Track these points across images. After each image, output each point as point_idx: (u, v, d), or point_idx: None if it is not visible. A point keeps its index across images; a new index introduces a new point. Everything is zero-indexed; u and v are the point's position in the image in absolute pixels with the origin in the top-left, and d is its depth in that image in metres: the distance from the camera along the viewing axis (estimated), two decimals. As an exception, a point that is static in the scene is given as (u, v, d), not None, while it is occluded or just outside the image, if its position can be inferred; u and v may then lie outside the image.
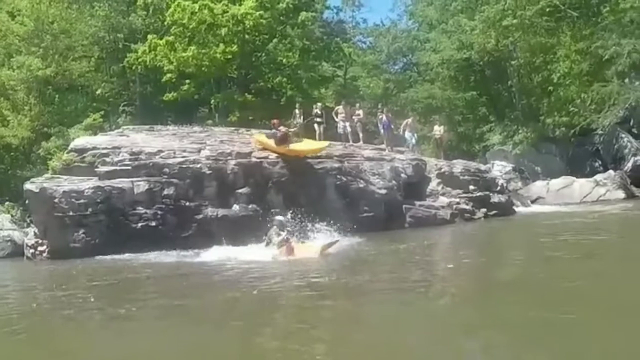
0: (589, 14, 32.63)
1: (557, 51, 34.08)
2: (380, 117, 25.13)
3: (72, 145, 18.82)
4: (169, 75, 31.42)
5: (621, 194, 28.99)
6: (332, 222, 15.90)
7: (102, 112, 29.51)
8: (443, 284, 9.95)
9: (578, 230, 16.27)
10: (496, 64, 39.63)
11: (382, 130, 24.74)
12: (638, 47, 28.40)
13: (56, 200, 15.85)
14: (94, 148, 17.99)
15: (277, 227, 14.09)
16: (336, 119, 24.54)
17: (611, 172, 30.56)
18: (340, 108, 24.92)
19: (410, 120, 26.82)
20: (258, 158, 18.70)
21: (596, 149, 33.33)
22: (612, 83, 29.97)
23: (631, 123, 31.82)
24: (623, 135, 31.25)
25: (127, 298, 9.68)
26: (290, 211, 15.97)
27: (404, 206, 20.24)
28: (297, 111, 25.28)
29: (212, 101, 32.75)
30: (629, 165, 30.08)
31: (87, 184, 16.32)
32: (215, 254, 14.14)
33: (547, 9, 33.23)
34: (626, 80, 30.40)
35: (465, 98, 40.69)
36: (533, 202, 29.53)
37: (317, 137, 23.89)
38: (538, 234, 16.56)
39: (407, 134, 25.91)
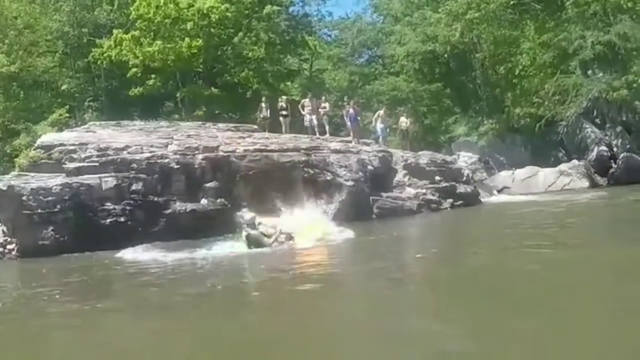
0: (552, 6, 33.17)
1: (521, 43, 34.63)
2: (347, 109, 25.35)
3: (39, 142, 18.70)
4: (134, 70, 31.34)
5: (585, 183, 29.65)
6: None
7: (67, 108, 29.33)
8: (411, 274, 10.24)
9: (543, 219, 16.74)
10: (461, 56, 40.07)
11: (348, 123, 24.98)
12: (601, 39, 29.03)
13: (24, 197, 15.74)
14: (61, 144, 17.89)
15: (249, 225, 13.59)
16: (302, 112, 24.74)
17: (575, 161, 31.21)
18: (306, 101, 25.10)
19: (381, 112, 27.17)
20: (225, 152, 18.78)
21: (560, 139, 33.87)
22: (575, 74, 30.58)
23: (594, 114, 32.38)
24: (586, 126, 31.80)
25: (97, 295, 9.72)
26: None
27: (371, 198, 20.47)
28: (263, 105, 25.40)
29: (178, 95, 32.74)
30: (592, 154, 30.64)
31: (54, 181, 16.22)
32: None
33: (511, 2, 33.88)
34: (589, 72, 31.01)
35: (430, 90, 41.05)
36: (499, 192, 30.02)
37: (283, 130, 24.10)
38: (504, 223, 16.89)
39: (379, 126, 26.24)
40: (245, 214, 13.96)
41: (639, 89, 29.91)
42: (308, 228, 14.40)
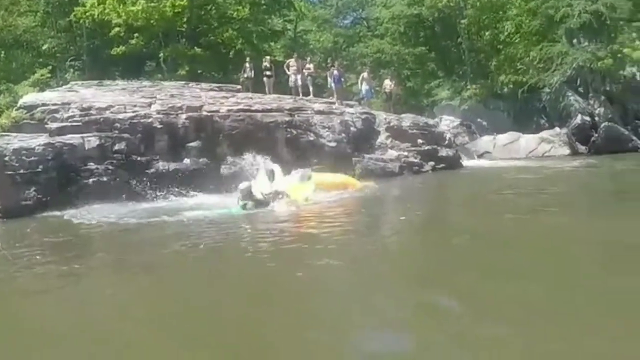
0: (540, -26, 33.11)
1: (507, 10, 34.68)
2: (331, 70, 25.34)
3: (21, 102, 18.48)
4: (117, 29, 30.90)
5: (566, 151, 30.09)
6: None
7: (49, 68, 29.03)
8: (396, 233, 10.46)
9: (524, 184, 17.05)
10: (446, 21, 40.04)
11: (332, 84, 25.01)
12: (588, 8, 29.15)
13: (6, 158, 15.54)
14: (44, 104, 17.69)
15: (245, 196, 13.36)
16: (287, 72, 24.75)
17: (557, 129, 31.60)
18: (292, 61, 25.11)
19: (365, 74, 27.21)
20: (209, 112, 18.78)
21: (543, 106, 34.24)
22: (560, 43, 30.72)
23: (578, 83, 32.70)
24: (570, 94, 32.11)
25: (81, 254, 9.80)
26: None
27: (353, 159, 20.66)
28: (247, 65, 25.35)
29: (161, 55, 32.44)
30: (574, 123, 30.95)
31: (37, 141, 16.05)
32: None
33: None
34: (574, 41, 31.15)
35: (415, 53, 40.92)
36: (480, 156, 30.42)
37: (266, 90, 24.11)
38: (486, 187, 17.22)
39: (364, 87, 26.35)
40: (241, 184, 13.86)
41: (624, 59, 30.22)
42: (297, 188, 14.61)
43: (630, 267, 6.62)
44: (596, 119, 30.71)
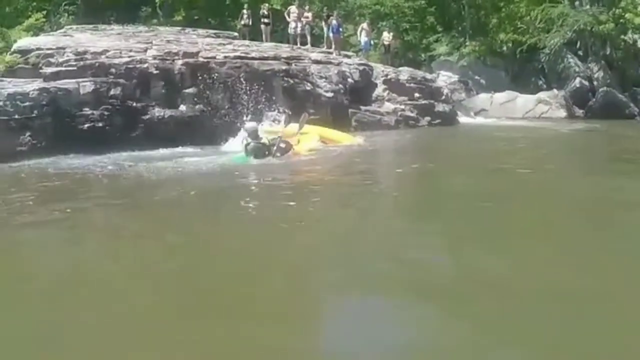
0: None
1: (510, -33, 34.28)
2: (330, 20, 25.06)
3: (15, 46, 18.17)
4: (113, -29, 30.50)
5: (563, 113, 30.08)
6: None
7: (43, 12, 28.55)
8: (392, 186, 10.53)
9: (521, 143, 17.05)
10: (447, -26, 39.51)
11: (330, 34, 24.73)
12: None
13: (0, 103, 15.37)
14: (38, 49, 17.42)
15: (250, 135, 13.25)
16: (288, 19, 24.44)
17: (555, 91, 31.54)
18: (292, 8, 24.80)
19: (365, 24, 26.97)
20: (205, 58, 18.56)
21: (542, 67, 34.00)
22: (562, 4, 30.42)
23: (578, 45, 32.48)
24: (569, 57, 31.94)
25: (73, 198, 9.77)
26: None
27: (349, 110, 20.61)
28: (245, 12, 25.11)
29: (158, 0, 32.00)
30: (572, 85, 30.81)
31: (32, 86, 15.80)
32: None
33: None
34: (577, 3, 30.87)
35: (414, 7, 40.34)
36: (476, 113, 30.37)
37: (263, 38, 23.89)
38: (483, 144, 17.29)
39: (364, 38, 26.13)
40: (247, 123, 13.70)
41: (626, 24, 29.92)
42: (302, 137, 14.56)
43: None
44: (594, 83, 30.54)
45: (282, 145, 13.39)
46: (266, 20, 24.48)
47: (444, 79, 32.71)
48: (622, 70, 31.59)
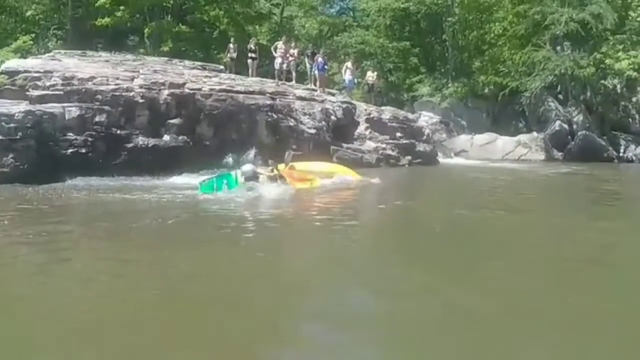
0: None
1: (495, 12, 34.98)
2: (316, 57, 25.39)
3: (3, 67, 18.21)
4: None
5: (542, 156, 30.62)
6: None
7: (32, 35, 28.74)
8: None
9: (499, 185, 17.34)
10: (432, 17, 40.31)
11: (316, 71, 25.03)
12: (575, 16, 29.53)
13: (-15, 123, 15.43)
14: (26, 71, 17.52)
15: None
16: (274, 54, 24.69)
17: (535, 133, 32.11)
18: (279, 43, 25.10)
19: (349, 63, 27.34)
20: (191, 89, 18.75)
21: (522, 110, 34.73)
22: (544, 49, 31.08)
23: (558, 89, 33.18)
24: (549, 100, 32.60)
25: (51, 222, 9.82)
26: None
27: (331, 147, 20.83)
28: (231, 46, 25.39)
29: (146, 30, 32.27)
30: (552, 128, 31.35)
31: (17, 108, 15.87)
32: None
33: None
34: (558, 48, 31.53)
35: (398, 47, 41.08)
36: (456, 154, 30.82)
37: (249, 72, 24.15)
38: (462, 185, 17.56)
39: (348, 77, 26.48)
40: (244, 167, 13.69)
41: (606, 69, 30.63)
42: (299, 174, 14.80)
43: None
44: (574, 126, 31.17)
45: (280, 178, 13.57)
46: (253, 55, 24.75)
47: (426, 119, 33.15)
48: (602, 115, 32.32)
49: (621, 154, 30.40)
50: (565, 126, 31.17)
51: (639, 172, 25.58)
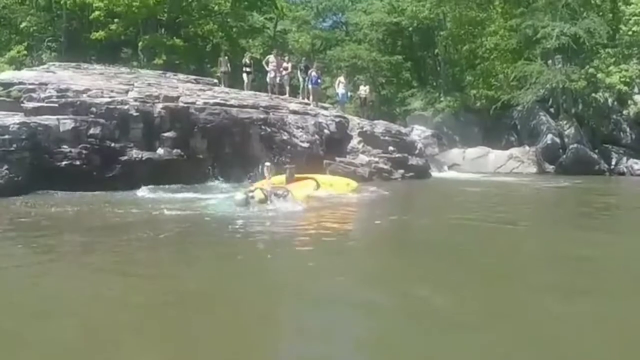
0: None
1: (486, 26, 35.28)
2: (310, 71, 25.53)
3: (-3, 78, 18.44)
4: (97, 12, 30.83)
5: (533, 169, 30.77)
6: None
7: (25, 46, 28.82)
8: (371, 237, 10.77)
9: (491, 198, 17.43)
10: (425, 32, 40.71)
11: (309, 85, 25.16)
12: (567, 31, 29.78)
13: (-21, 134, 15.43)
14: (21, 83, 17.66)
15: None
16: (267, 68, 24.82)
17: (526, 147, 32.29)
18: (271, 57, 25.19)
19: (342, 77, 27.50)
20: (185, 103, 18.87)
21: (514, 123, 34.95)
22: (536, 62, 31.33)
23: (550, 103, 33.44)
24: (541, 113, 32.78)
25: (45, 235, 9.73)
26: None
27: (324, 161, 20.93)
28: (221, 60, 25.63)
29: (140, 43, 32.40)
30: (543, 142, 31.54)
31: (12, 119, 15.90)
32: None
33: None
34: (550, 62, 31.79)
35: (391, 61, 41.37)
36: (449, 168, 30.89)
37: (244, 87, 24.28)
38: (454, 198, 17.62)
39: (341, 91, 26.63)
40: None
41: (597, 83, 30.87)
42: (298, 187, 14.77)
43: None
44: (565, 140, 31.32)
45: (279, 192, 13.40)
46: (248, 69, 24.90)
47: (418, 133, 33.25)
48: (593, 128, 32.49)
49: (612, 167, 30.55)
50: (557, 139, 31.33)
51: (630, 185, 25.65)
